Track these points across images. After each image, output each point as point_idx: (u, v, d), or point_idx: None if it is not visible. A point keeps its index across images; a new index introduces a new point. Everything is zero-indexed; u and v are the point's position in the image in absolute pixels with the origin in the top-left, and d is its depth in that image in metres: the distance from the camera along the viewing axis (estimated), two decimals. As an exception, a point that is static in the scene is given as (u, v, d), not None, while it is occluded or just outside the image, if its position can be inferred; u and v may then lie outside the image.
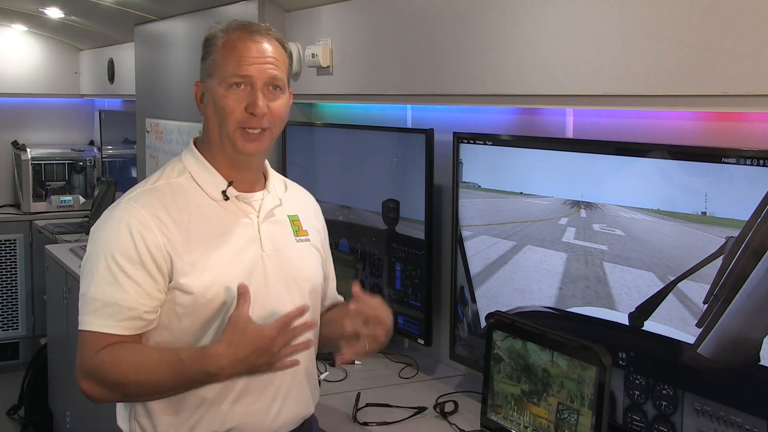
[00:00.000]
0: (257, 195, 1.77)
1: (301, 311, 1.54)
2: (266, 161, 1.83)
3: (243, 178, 1.75)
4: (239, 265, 1.68)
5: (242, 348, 1.51)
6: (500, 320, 1.91)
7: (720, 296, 1.62)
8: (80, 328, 1.64)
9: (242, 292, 1.54)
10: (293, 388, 1.75)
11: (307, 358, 1.79)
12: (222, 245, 1.68)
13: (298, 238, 1.81)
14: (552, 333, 1.80)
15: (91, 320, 1.62)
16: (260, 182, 1.80)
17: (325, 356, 2.46)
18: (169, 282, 1.64)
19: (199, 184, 1.72)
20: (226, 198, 1.72)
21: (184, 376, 1.55)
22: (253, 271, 1.69)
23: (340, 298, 2.04)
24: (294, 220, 1.82)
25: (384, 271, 2.67)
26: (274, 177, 1.85)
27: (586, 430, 1.68)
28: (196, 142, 1.78)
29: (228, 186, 1.72)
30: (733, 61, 1.59)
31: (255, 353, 1.51)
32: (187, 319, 1.66)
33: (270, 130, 1.70)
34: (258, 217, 1.74)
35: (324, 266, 1.90)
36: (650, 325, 1.79)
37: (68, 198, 5.66)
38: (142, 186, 1.73)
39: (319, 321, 1.89)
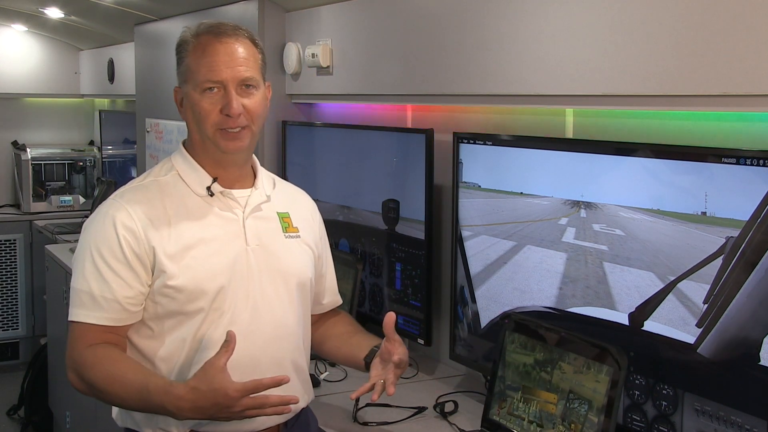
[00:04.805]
0: (244, 191, 1.81)
1: (279, 381, 1.56)
2: (255, 159, 1.88)
3: (229, 176, 1.80)
4: (222, 258, 1.73)
5: (203, 399, 1.53)
6: (515, 322, 1.91)
7: (720, 296, 1.62)
8: (69, 319, 1.71)
9: (227, 340, 1.56)
10: None
11: (293, 350, 1.81)
12: (205, 239, 1.73)
13: (287, 234, 1.85)
14: (568, 334, 1.81)
15: (78, 312, 1.69)
16: (248, 179, 1.85)
17: (326, 356, 2.46)
18: (153, 275, 1.69)
19: (184, 181, 1.78)
20: (211, 194, 1.77)
21: (147, 403, 1.60)
22: (235, 264, 1.74)
23: (339, 300, 2.05)
24: (284, 217, 1.87)
25: (384, 271, 2.67)
26: (263, 174, 1.89)
27: (593, 422, 1.68)
28: (184, 143, 1.85)
29: (213, 182, 1.77)
30: (733, 61, 1.59)
31: (214, 407, 1.54)
32: (170, 320, 1.70)
33: (249, 127, 1.75)
34: (243, 212, 1.78)
35: (318, 264, 1.94)
36: (650, 325, 1.78)
37: (68, 198, 5.66)
38: (131, 183, 1.81)
39: (329, 332, 1.99)
